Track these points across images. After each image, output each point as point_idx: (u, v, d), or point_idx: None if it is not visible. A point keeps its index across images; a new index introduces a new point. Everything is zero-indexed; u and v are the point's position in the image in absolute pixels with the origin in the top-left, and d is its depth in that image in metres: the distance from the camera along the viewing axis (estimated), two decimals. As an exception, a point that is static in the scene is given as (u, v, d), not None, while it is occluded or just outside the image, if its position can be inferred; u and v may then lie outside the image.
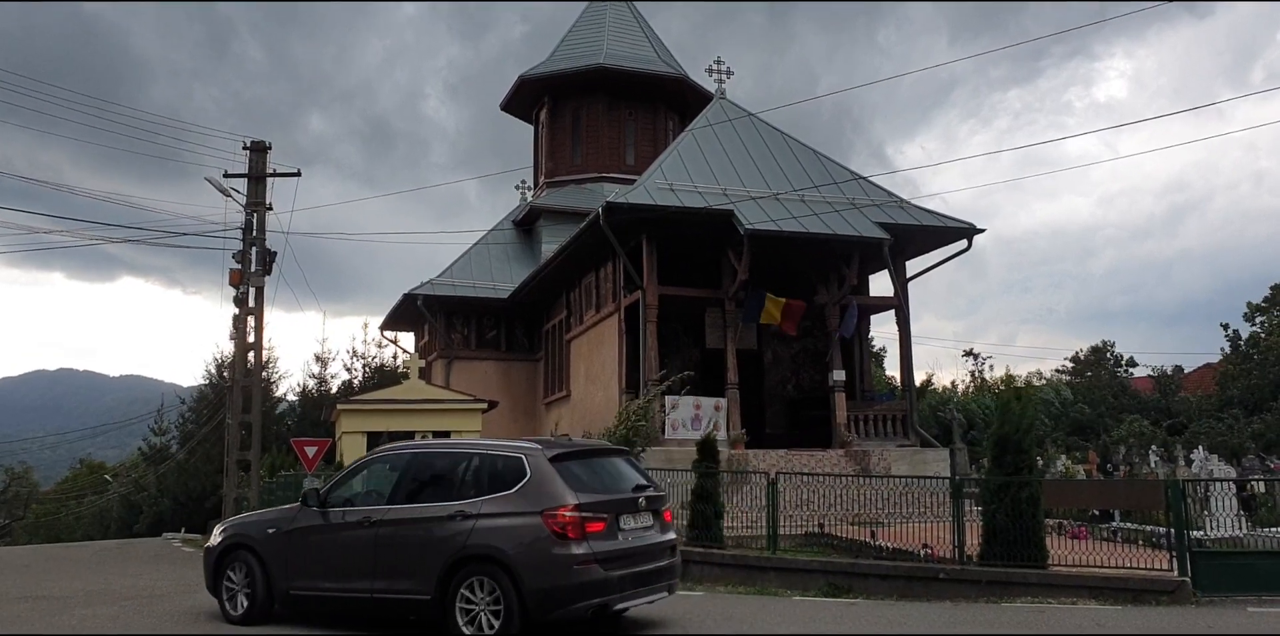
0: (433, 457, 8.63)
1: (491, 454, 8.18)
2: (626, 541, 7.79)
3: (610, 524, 7.67)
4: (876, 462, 17.90)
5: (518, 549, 7.43)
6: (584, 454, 8.29)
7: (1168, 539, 10.45)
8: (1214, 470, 17.63)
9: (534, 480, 7.70)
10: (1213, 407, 31.29)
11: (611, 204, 18.22)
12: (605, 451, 8.82)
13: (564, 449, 8.17)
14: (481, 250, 28.84)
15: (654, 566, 8.01)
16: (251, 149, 22.77)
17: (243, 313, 22.16)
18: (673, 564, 8.34)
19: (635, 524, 7.97)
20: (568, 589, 7.34)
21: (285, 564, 8.64)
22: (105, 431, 49.88)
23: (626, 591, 7.68)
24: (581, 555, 7.36)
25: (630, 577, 7.68)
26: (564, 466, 7.83)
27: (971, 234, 19.88)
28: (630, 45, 30.24)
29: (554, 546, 7.36)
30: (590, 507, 7.56)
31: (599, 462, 8.35)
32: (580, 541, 7.40)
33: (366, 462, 9.13)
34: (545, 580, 7.32)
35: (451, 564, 7.62)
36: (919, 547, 11.30)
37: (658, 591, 8.13)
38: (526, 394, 27.35)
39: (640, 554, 7.88)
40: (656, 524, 8.25)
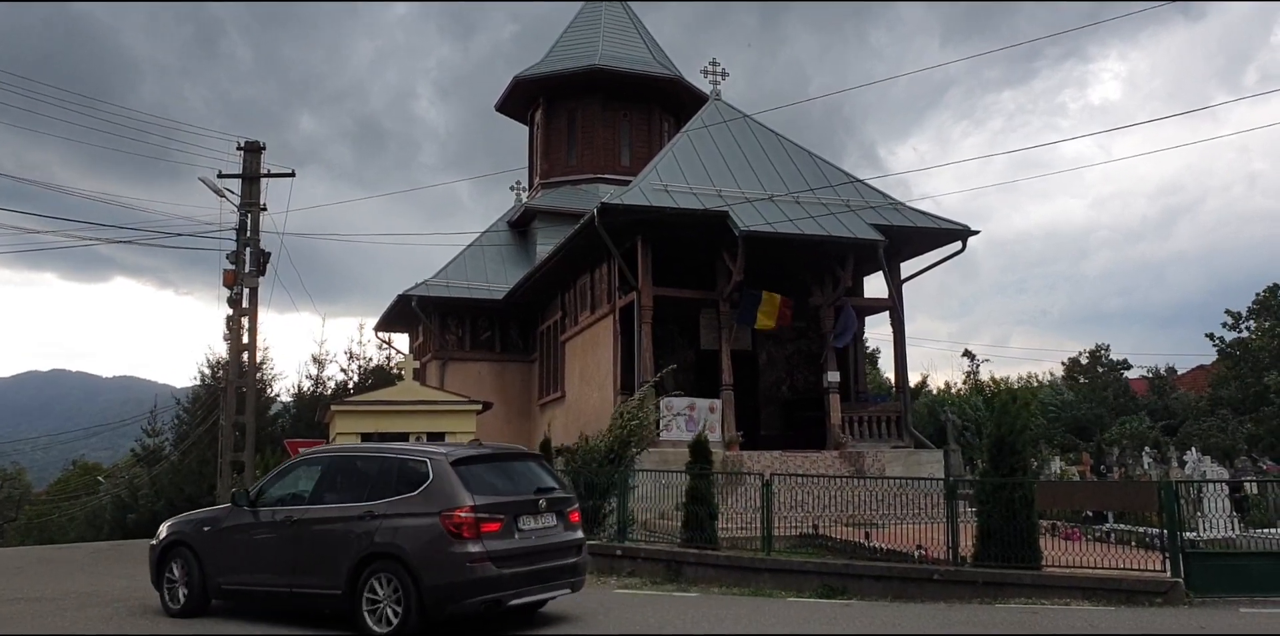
0: (350, 461, 9.17)
1: (400, 458, 8.68)
2: (525, 540, 8.26)
3: (507, 524, 8.15)
4: (871, 464, 17.93)
5: (417, 547, 7.92)
6: (489, 458, 8.82)
7: (1161, 540, 10.48)
8: (1207, 471, 17.68)
9: (435, 483, 8.19)
10: (1205, 409, 31.40)
11: (606, 205, 18.22)
12: (515, 455, 9.35)
13: (467, 453, 8.68)
14: (476, 251, 28.81)
15: (554, 564, 8.46)
16: (246, 149, 22.74)
17: (237, 313, 22.12)
18: (577, 562, 8.80)
19: (536, 524, 8.44)
20: (462, 585, 7.80)
21: (217, 559, 9.22)
22: (98, 432, 49.72)
23: (521, 588, 8.14)
24: (475, 553, 7.83)
25: (526, 575, 8.15)
26: (465, 470, 8.31)
27: (966, 236, 19.93)
28: (625, 46, 30.25)
29: (450, 545, 7.84)
30: (486, 508, 8.04)
31: (505, 466, 8.88)
32: (475, 540, 7.88)
33: (294, 464, 9.69)
34: (441, 576, 7.79)
35: (359, 561, 8.12)
36: (913, 549, 11.30)
37: (558, 588, 8.60)
38: (521, 395, 27.32)
39: (539, 552, 8.33)
40: (560, 524, 8.70)
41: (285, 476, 9.53)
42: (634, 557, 12.60)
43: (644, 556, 12.55)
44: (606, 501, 13.77)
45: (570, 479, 14.31)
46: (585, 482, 13.93)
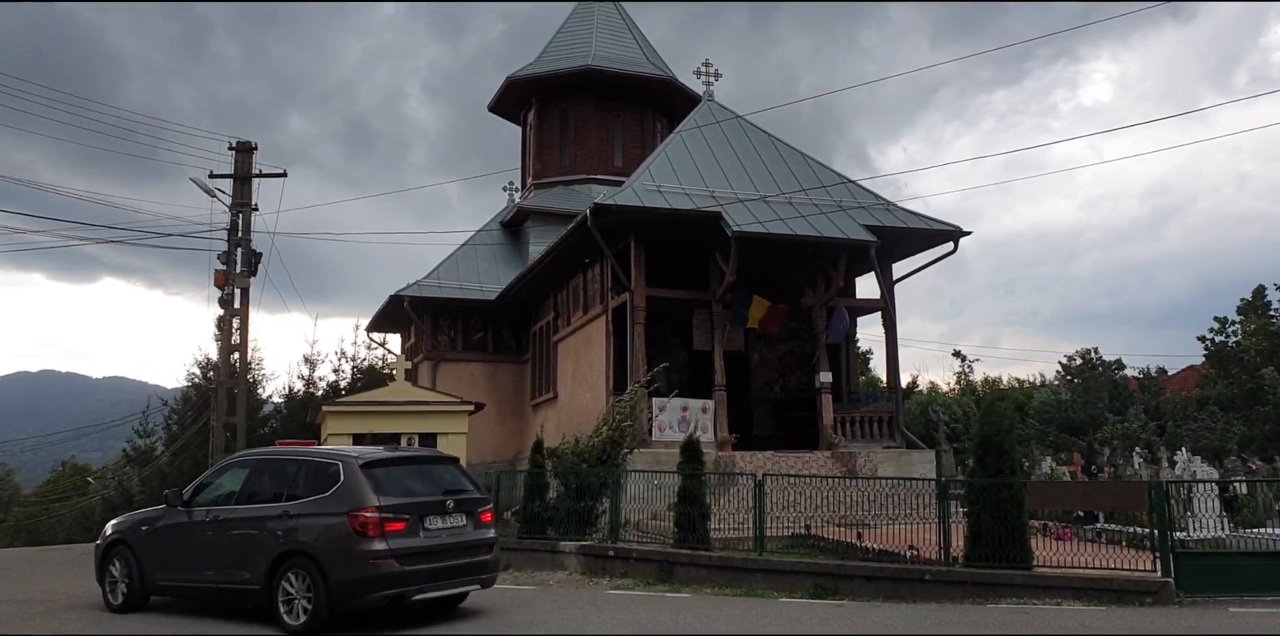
0: (273, 463, 9.74)
1: (315, 461, 9.28)
2: (431, 539, 8.83)
3: (412, 523, 8.71)
4: (863, 464, 17.96)
5: (326, 545, 8.52)
6: (400, 461, 9.39)
7: (1151, 540, 10.52)
8: (1197, 472, 17.75)
9: (344, 484, 8.76)
10: (1194, 408, 31.53)
11: (599, 205, 18.22)
12: (429, 459, 9.94)
13: (378, 457, 9.23)
14: (469, 251, 28.77)
15: (462, 561, 9.03)
16: (237, 149, 22.67)
17: (228, 314, 22.05)
18: (487, 560, 9.37)
19: (443, 524, 9.01)
20: (366, 580, 8.38)
21: (154, 558, 9.85)
22: (88, 433, 49.46)
23: (426, 583, 8.68)
24: (379, 551, 8.42)
25: (430, 571, 8.72)
26: (373, 472, 8.87)
27: (958, 236, 19.98)
28: (618, 47, 30.26)
29: (356, 543, 8.42)
30: (391, 508, 8.60)
31: (417, 469, 9.44)
32: (379, 538, 8.46)
33: (225, 467, 10.38)
34: (347, 573, 8.38)
35: (276, 557, 8.72)
36: (905, 549, 11.32)
37: (466, 584, 9.19)
38: (514, 396, 27.30)
39: (445, 550, 8.90)
40: (470, 523, 9.27)
41: (216, 478, 10.13)
42: (626, 558, 12.60)
43: (636, 557, 12.54)
44: (598, 502, 13.75)
45: (560, 480, 14.30)
46: (575, 484, 13.90)
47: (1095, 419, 32.42)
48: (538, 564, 13.39)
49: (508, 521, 15.35)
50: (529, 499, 14.23)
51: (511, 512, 15.37)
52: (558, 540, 13.53)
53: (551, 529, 13.91)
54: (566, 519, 13.77)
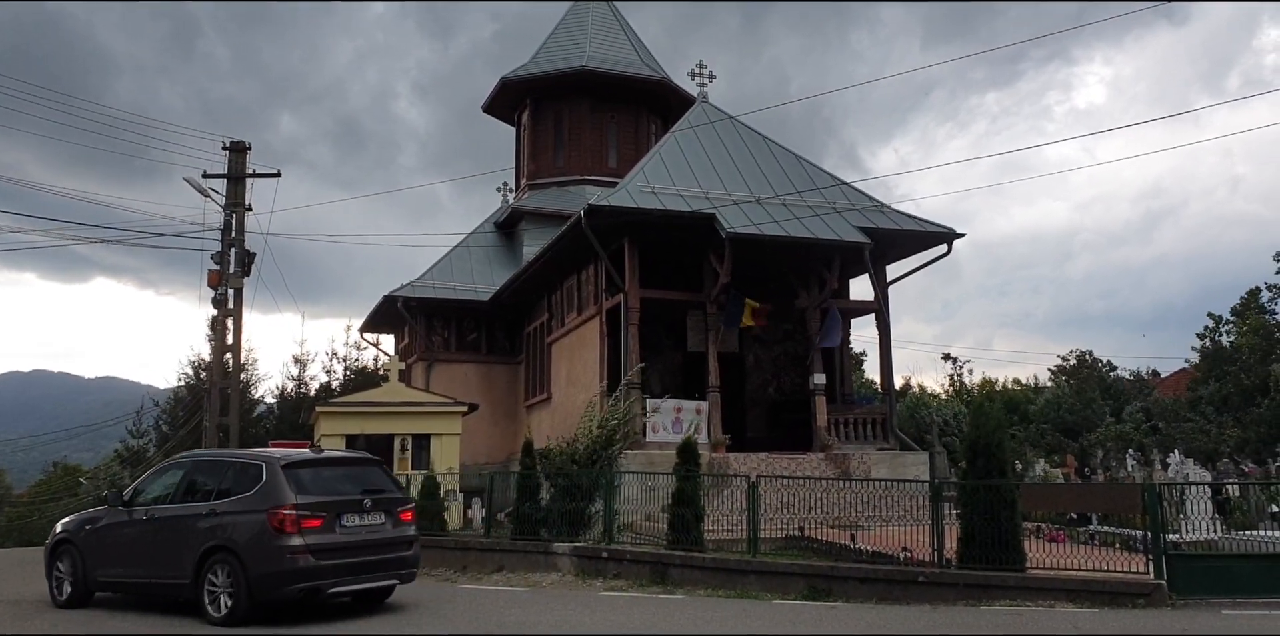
0: (205, 464, 10.38)
1: (243, 462, 9.85)
2: (349, 536, 9.37)
3: (329, 521, 9.24)
4: (856, 466, 17.96)
5: (247, 541, 9.05)
6: (322, 463, 9.96)
7: (1144, 542, 10.53)
8: (1190, 474, 17.81)
9: (266, 484, 9.32)
10: (1185, 409, 31.60)
11: (593, 206, 18.20)
12: (351, 461, 10.62)
13: (300, 458, 9.81)
14: (462, 252, 28.72)
15: (379, 557, 9.58)
16: (231, 149, 22.61)
17: (221, 314, 21.98)
18: (406, 556, 9.91)
19: (361, 521, 9.56)
20: (283, 574, 8.91)
21: (96, 555, 10.36)
22: (80, 434, 49.27)
23: (342, 577, 9.24)
24: (296, 546, 8.93)
25: (346, 566, 9.26)
26: (294, 473, 9.43)
27: (951, 238, 20.00)
28: (613, 48, 30.25)
29: (274, 539, 8.94)
30: (308, 507, 9.12)
31: (337, 470, 10.01)
32: (296, 534, 8.97)
33: (163, 468, 10.97)
34: (265, 566, 8.92)
35: (203, 553, 9.25)
36: (899, 551, 11.32)
37: (382, 578, 9.74)
38: (507, 396, 27.25)
39: (361, 546, 9.43)
40: (389, 522, 9.81)
41: (154, 479, 10.73)
42: (620, 560, 12.57)
43: (630, 558, 12.52)
44: (591, 503, 13.72)
45: (551, 481, 14.26)
46: (566, 485, 13.86)
47: (1089, 420, 32.48)
48: (531, 565, 13.36)
49: (501, 522, 15.32)
50: (521, 500, 14.20)
51: (504, 514, 15.33)
52: (551, 541, 13.50)
53: (544, 530, 13.87)
54: (559, 520, 13.73)
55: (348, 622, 9.27)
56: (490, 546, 14.17)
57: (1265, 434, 26.70)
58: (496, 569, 13.60)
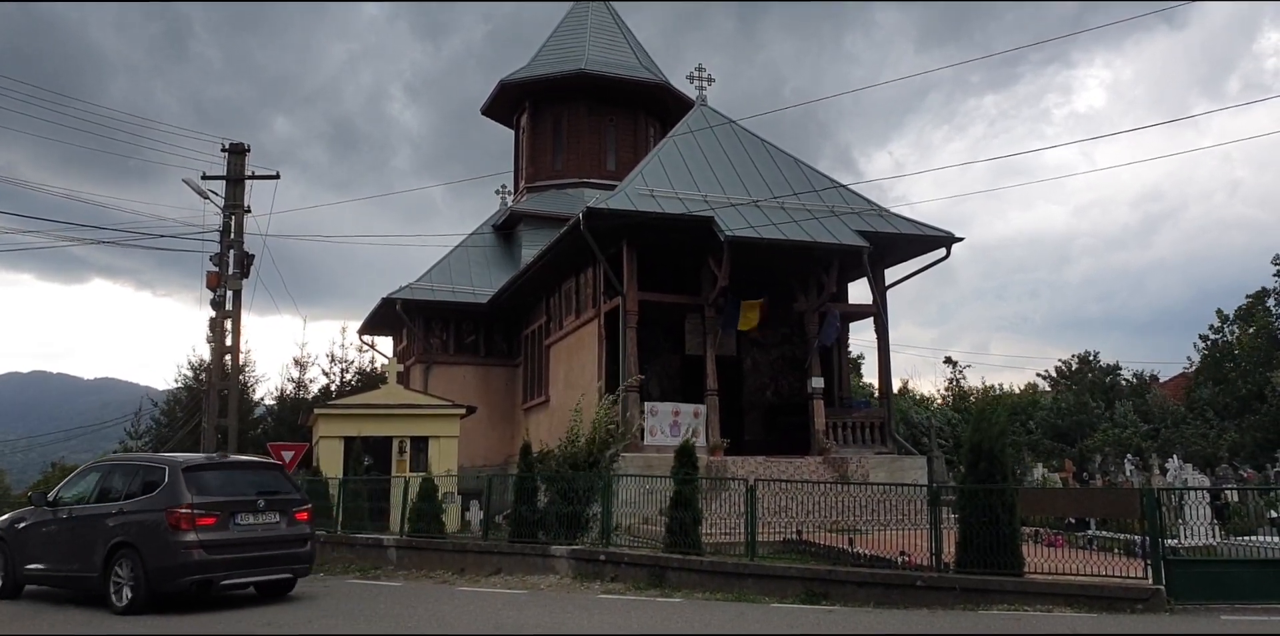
0: (121, 467, 11.22)
1: (150, 465, 10.81)
2: (243, 533, 10.29)
3: (223, 519, 10.16)
4: (854, 469, 17.95)
5: (146, 537, 9.96)
6: (221, 466, 11.00)
7: (1142, 547, 10.51)
8: (1188, 479, 17.80)
9: (167, 485, 10.23)
10: (1185, 413, 31.60)
11: (592, 209, 18.20)
12: (251, 465, 11.62)
13: (200, 462, 10.87)
14: (461, 254, 28.73)
15: (271, 553, 10.51)
16: (230, 151, 22.60)
17: (220, 316, 21.95)
18: (299, 552, 10.86)
19: (255, 520, 10.50)
20: (177, 567, 9.83)
21: (23, 551, 11.34)
22: (79, 434, 49.22)
23: (233, 570, 10.18)
24: (189, 542, 9.85)
25: (239, 560, 10.20)
26: (193, 475, 10.34)
27: (950, 242, 20.01)
28: (612, 51, 30.29)
29: (170, 535, 9.85)
30: (202, 506, 10.05)
31: (236, 474, 10.96)
32: (190, 531, 9.88)
33: (85, 471, 11.80)
34: (161, 560, 9.83)
35: (110, 548, 10.14)
36: (896, 555, 11.29)
37: (274, 572, 10.70)
38: (505, 399, 27.24)
39: (254, 543, 10.37)
40: (283, 521, 10.75)
41: (77, 480, 11.59)
42: (618, 562, 12.54)
43: (628, 561, 12.49)
44: (588, 506, 13.69)
45: (548, 484, 14.23)
46: (564, 488, 13.83)
47: (1084, 425, 32.47)
48: (528, 568, 13.33)
49: (499, 525, 15.28)
50: (519, 502, 14.17)
51: (502, 516, 15.30)
52: (548, 544, 13.47)
53: (542, 533, 13.84)
54: (557, 523, 13.70)
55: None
56: (488, 549, 14.14)
57: (1263, 439, 26.71)
58: (494, 571, 13.57)
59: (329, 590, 12.25)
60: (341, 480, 17.83)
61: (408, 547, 15.12)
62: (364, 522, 16.55)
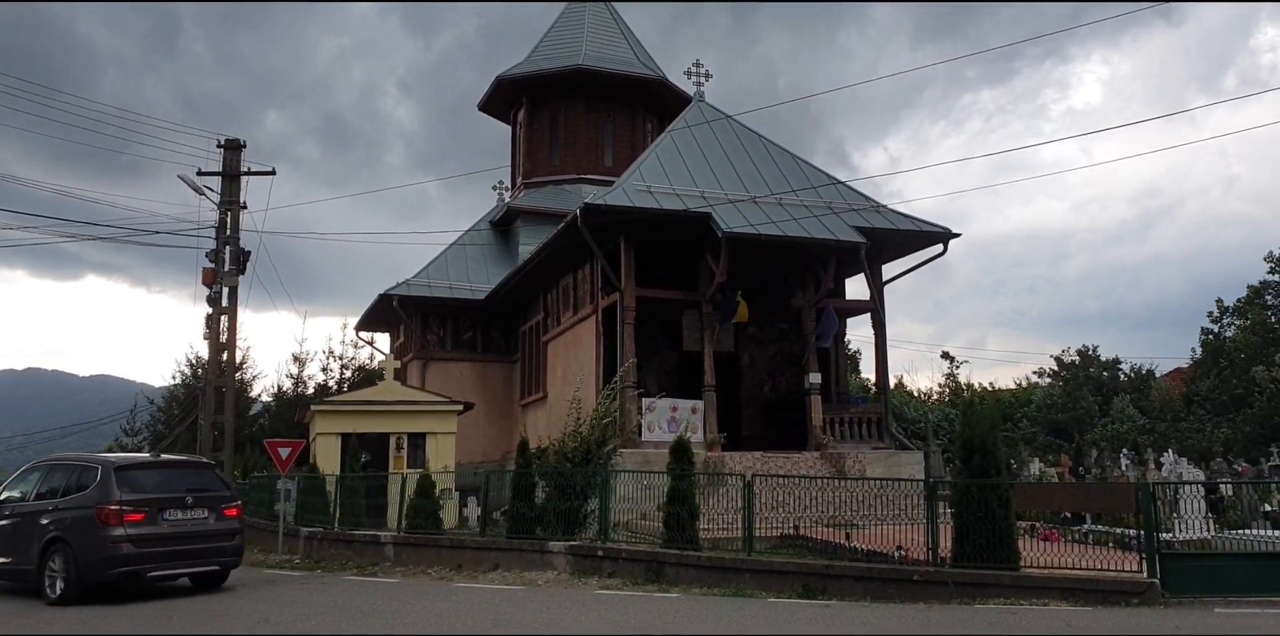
0: (60, 467, 11.85)
1: (84, 465, 11.46)
2: (171, 528, 10.97)
3: (151, 515, 10.85)
4: (852, 465, 17.98)
5: (78, 532, 10.63)
6: (152, 465, 11.67)
7: (1138, 541, 10.55)
8: (1183, 473, 17.87)
9: (99, 484, 10.89)
10: (1181, 407, 31.69)
11: (590, 205, 18.20)
12: (181, 464, 12.25)
13: (131, 461, 11.57)
14: (458, 250, 28.71)
15: (198, 547, 11.18)
16: (226, 147, 22.56)
17: (216, 312, 21.93)
18: (224, 546, 11.51)
19: (183, 516, 11.18)
20: (106, 560, 10.47)
21: None
22: (74, 432, 49.14)
23: (161, 563, 10.87)
24: (117, 536, 10.51)
25: (165, 554, 10.87)
26: (124, 474, 11.00)
27: (947, 238, 20.02)
28: (609, 46, 30.25)
29: (100, 530, 10.51)
30: (131, 503, 10.71)
31: (167, 472, 11.59)
32: (119, 526, 10.55)
33: (28, 470, 12.43)
34: (91, 554, 10.48)
35: (45, 543, 10.81)
36: (893, 549, 11.33)
37: (201, 565, 11.37)
38: (503, 395, 27.25)
39: (182, 537, 11.03)
40: (212, 516, 11.42)
41: (20, 479, 12.22)
42: (615, 558, 12.57)
43: (625, 557, 12.52)
44: (586, 502, 13.71)
45: (545, 480, 14.25)
46: (561, 484, 13.85)
47: (1082, 420, 32.55)
48: (526, 564, 13.36)
49: (496, 521, 15.30)
50: (516, 498, 14.19)
51: (500, 512, 15.32)
52: (546, 540, 13.50)
53: (540, 528, 13.87)
54: (554, 519, 13.73)
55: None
56: (486, 545, 14.17)
57: (1257, 433, 26.81)
58: (492, 567, 13.60)
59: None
60: (339, 477, 17.84)
61: (405, 544, 15.14)
62: (361, 519, 16.56)
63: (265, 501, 19.90)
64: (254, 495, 21.45)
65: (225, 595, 11.50)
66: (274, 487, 18.60)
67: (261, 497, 20.55)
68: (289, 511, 17.84)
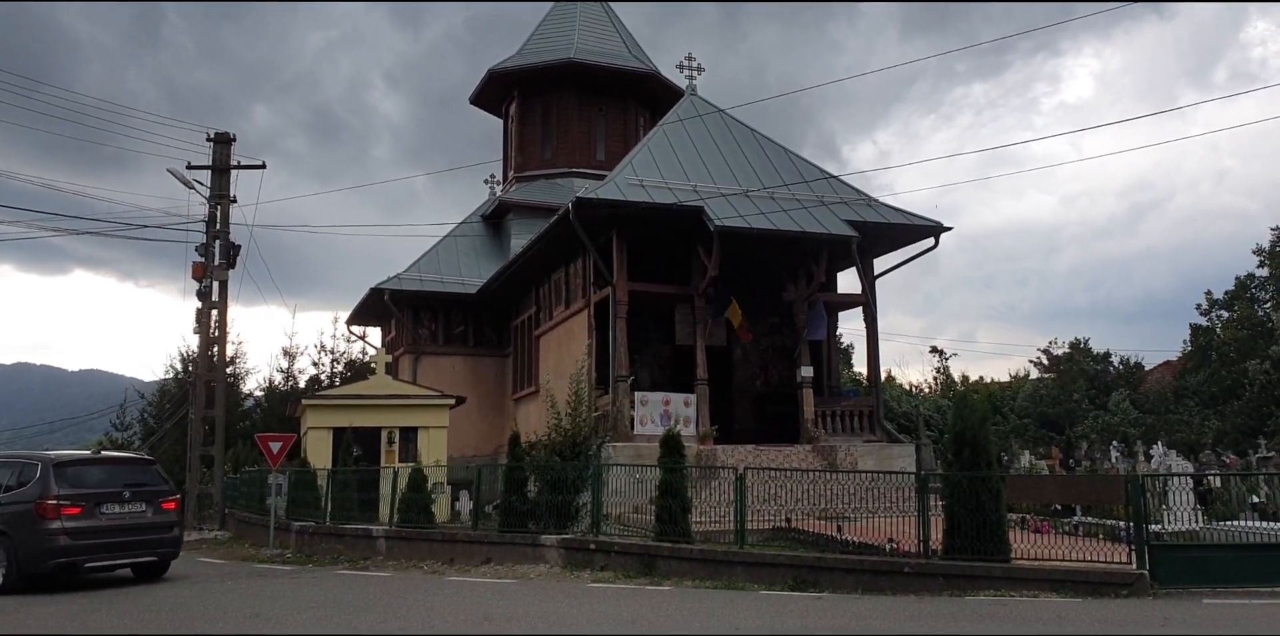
0: (4, 464, 12.26)
1: (25, 462, 11.97)
2: (109, 521, 11.52)
3: (89, 509, 11.39)
4: (843, 458, 18.03)
5: (18, 525, 11.19)
6: (91, 462, 12.24)
7: (1127, 533, 10.61)
8: (1172, 465, 17.97)
9: (39, 480, 11.42)
10: (1171, 400, 31.84)
11: (582, 199, 18.17)
12: (120, 460, 12.83)
13: (71, 458, 12.11)
14: (449, 244, 28.65)
15: (136, 539, 11.75)
16: (215, 140, 22.46)
17: (206, 306, 21.86)
18: (162, 538, 12.11)
19: (120, 509, 11.73)
20: (43, 551, 11.08)
21: None
22: (64, 427, 48.98)
23: (97, 555, 11.42)
24: (54, 529, 11.09)
25: (103, 546, 11.43)
26: (63, 470, 11.53)
27: (939, 232, 20.06)
28: (601, 40, 30.18)
29: (38, 523, 11.11)
30: (68, 497, 11.26)
31: (106, 468, 12.16)
32: (56, 520, 11.12)
33: None
34: (30, 546, 11.10)
35: None
36: (884, 542, 11.38)
37: (139, 556, 11.98)
38: (495, 389, 27.23)
39: (119, 530, 11.59)
40: (149, 510, 12.00)
41: None
42: (607, 551, 12.59)
43: (617, 550, 12.54)
44: (578, 496, 13.72)
45: (536, 474, 14.25)
46: (552, 477, 13.85)
47: (1073, 412, 32.70)
48: (519, 557, 13.37)
49: (488, 515, 15.30)
50: (509, 492, 14.19)
51: (492, 506, 15.32)
52: (538, 533, 13.51)
53: (532, 522, 13.88)
54: (547, 512, 13.74)
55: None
56: (478, 539, 14.17)
57: (1245, 425, 26.98)
58: (484, 561, 13.60)
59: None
60: (330, 471, 17.81)
61: (397, 538, 15.13)
62: (353, 513, 16.55)
63: (256, 496, 19.86)
64: (245, 490, 21.40)
65: (217, 589, 11.47)
66: (265, 482, 18.56)
67: (253, 492, 20.51)
68: (280, 506, 17.80)
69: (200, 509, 23.00)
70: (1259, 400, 27.01)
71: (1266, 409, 26.77)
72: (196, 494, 22.95)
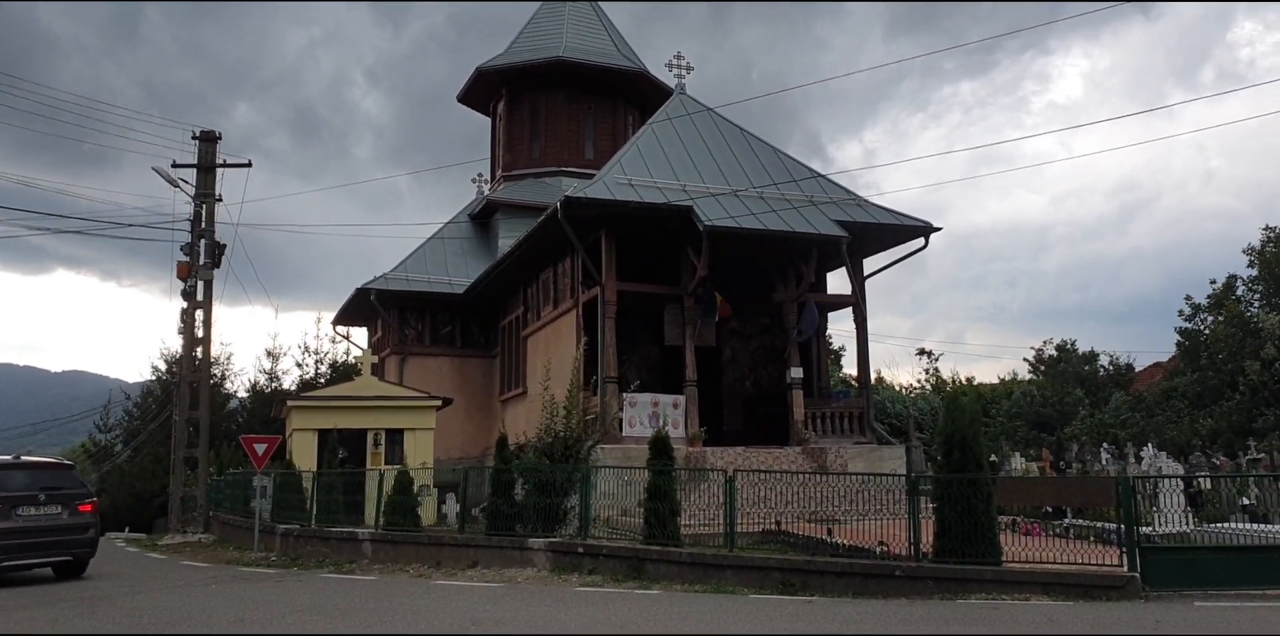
0: None
1: None
2: (24, 522, 12.07)
3: (4, 511, 11.95)
4: (833, 460, 17.97)
5: None
6: (9, 467, 12.58)
7: (1118, 535, 10.57)
8: (1162, 467, 17.96)
9: None
10: (1161, 401, 31.90)
11: (570, 198, 18.05)
12: (38, 465, 13.19)
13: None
14: (436, 244, 28.47)
15: (52, 539, 12.31)
16: (200, 138, 22.25)
17: (191, 306, 21.63)
18: (78, 538, 12.66)
19: (36, 512, 12.27)
20: None
21: None
22: (47, 428, 48.52)
23: (13, 555, 11.98)
24: None
25: (18, 546, 11.98)
26: None
27: (929, 232, 20.02)
28: (590, 38, 30.06)
29: None
30: None
31: (23, 472, 12.59)
32: None
33: None
34: None
35: None
36: (875, 545, 11.30)
37: (55, 556, 12.51)
38: (482, 391, 27.06)
39: (34, 531, 12.14)
40: (65, 512, 12.54)
41: None
42: (596, 555, 12.47)
43: (606, 554, 12.42)
44: (565, 498, 13.59)
45: (523, 477, 14.11)
46: (540, 480, 13.71)
47: (1065, 413, 32.73)
48: (506, 561, 13.23)
49: (475, 518, 15.15)
50: (496, 495, 14.05)
51: (479, 509, 15.18)
52: (526, 537, 13.38)
53: (520, 525, 13.74)
54: (534, 515, 13.60)
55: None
56: (465, 542, 14.02)
57: (1236, 426, 27.03)
58: (471, 564, 13.46)
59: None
60: (315, 473, 17.63)
61: (383, 541, 14.97)
62: (338, 516, 16.38)
63: (241, 498, 19.65)
64: (230, 492, 21.19)
65: (200, 593, 11.38)
66: (250, 484, 18.37)
67: (237, 494, 20.30)
68: (265, 508, 17.61)
69: (184, 511, 22.77)
70: (1249, 401, 27.07)
71: (1257, 410, 26.83)
72: (180, 496, 22.73)
